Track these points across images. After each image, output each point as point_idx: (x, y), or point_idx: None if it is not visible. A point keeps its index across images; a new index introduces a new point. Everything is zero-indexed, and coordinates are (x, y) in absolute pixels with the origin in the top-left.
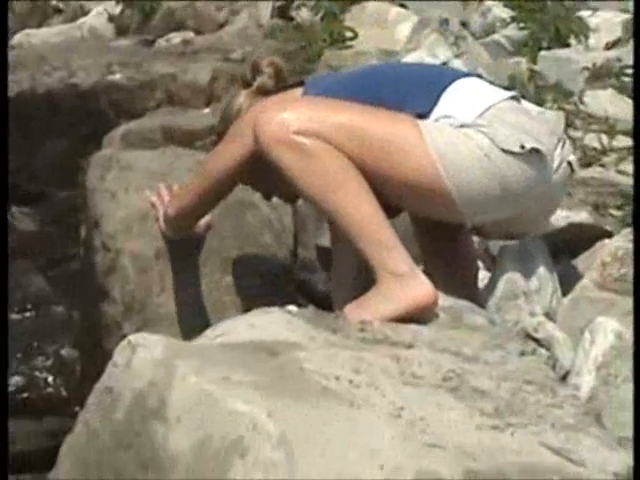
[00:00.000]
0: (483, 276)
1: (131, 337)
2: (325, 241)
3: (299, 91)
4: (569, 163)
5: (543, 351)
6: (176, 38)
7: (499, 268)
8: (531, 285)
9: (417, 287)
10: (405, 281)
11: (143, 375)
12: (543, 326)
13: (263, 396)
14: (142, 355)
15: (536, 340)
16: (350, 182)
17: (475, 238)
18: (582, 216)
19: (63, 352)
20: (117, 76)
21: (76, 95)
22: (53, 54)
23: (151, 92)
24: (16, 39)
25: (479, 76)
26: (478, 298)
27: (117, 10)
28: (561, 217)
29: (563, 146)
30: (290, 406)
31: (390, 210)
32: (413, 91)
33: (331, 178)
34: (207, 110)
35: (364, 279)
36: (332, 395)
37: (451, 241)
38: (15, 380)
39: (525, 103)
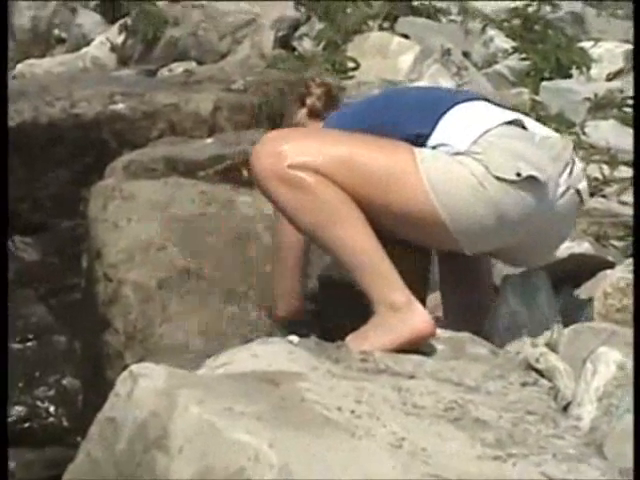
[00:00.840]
0: None
1: (133, 367)
2: (327, 271)
3: (320, 125)
4: (577, 191)
5: (545, 382)
6: (178, 68)
7: (501, 298)
8: (533, 316)
9: (415, 318)
10: (403, 313)
11: (145, 405)
12: (545, 357)
13: (265, 427)
14: (144, 385)
15: (538, 371)
16: (347, 215)
17: None
18: (584, 247)
19: (65, 382)
20: (119, 106)
21: (78, 125)
22: (55, 84)
23: (153, 122)
24: (18, 69)
25: (486, 99)
26: (483, 328)
27: (119, 40)
28: (563, 248)
29: (571, 172)
30: (292, 437)
31: (389, 238)
32: (413, 115)
33: (328, 212)
34: (210, 140)
35: None
36: (334, 425)
37: (470, 270)
38: (16, 410)
39: (532, 125)
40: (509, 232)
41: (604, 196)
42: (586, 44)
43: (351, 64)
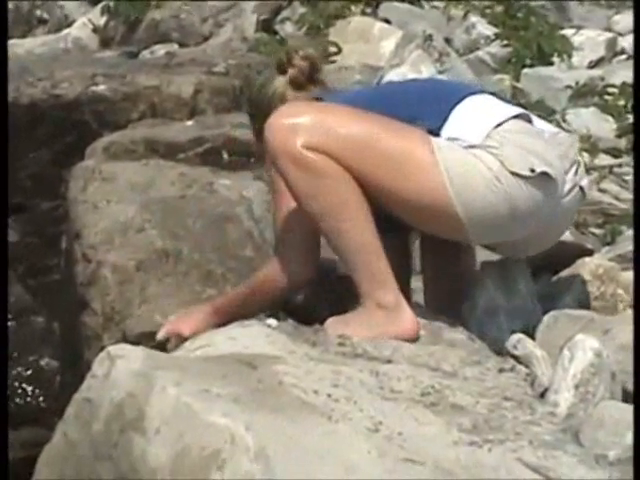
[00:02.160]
0: None
1: (110, 348)
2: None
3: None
4: (581, 188)
5: (522, 368)
6: (160, 50)
7: (480, 285)
8: (511, 302)
9: (400, 320)
10: (390, 313)
11: (122, 386)
12: (522, 343)
13: (242, 409)
14: (121, 366)
15: (515, 357)
16: (353, 208)
17: None
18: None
19: (42, 362)
20: (101, 87)
21: (59, 106)
22: (37, 64)
23: (134, 104)
24: None
25: (492, 93)
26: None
27: (102, 21)
28: None
29: (577, 170)
30: (268, 419)
31: (395, 225)
32: (424, 107)
33: (336, 202)
34: (190, 123)
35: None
36: (310, 409)
37: (454, 258)
38: None
39: (538, 122)
40: (519, 226)
41: None
42: (568, 32)
43: (333, 48)
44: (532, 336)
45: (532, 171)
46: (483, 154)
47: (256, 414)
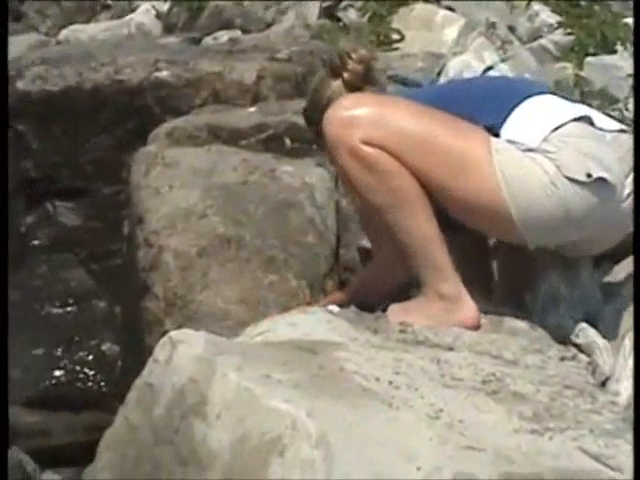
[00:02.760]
0: None
1: (172, 333)
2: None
3: None
4: None
5: (583, 357)
6: (223, 36)
7: (542, 274)
8: (573, 291)
9: (461, 310)
10: (451, 304)
11: (183, 371)
12: (584, 332)
13: (303, 395)
14: (183, 352)
15: (577, 346)
16: (414, 201)
17: None
18: None
19: (104, 347)
20: (163, 73)
21: (122, 91)
22: (100, 50)
23: (197, 90)
24: (63, 34)
25: (554, 93)
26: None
27: (165, 7)
28: None
29: None
30: (329, 406)
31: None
32: (485, 104)
33: (395, 195)
34: (253, 109)
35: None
36: (371, 396)
37: (518, 248)
38: (56, 374)
39: (602, 121)
40: (574, 230)
41: None
42: (631, 20)
43: (395, 36)
44: (594, 325)
45: (589, 176)
46: (540, 158)
47: (317, 400)
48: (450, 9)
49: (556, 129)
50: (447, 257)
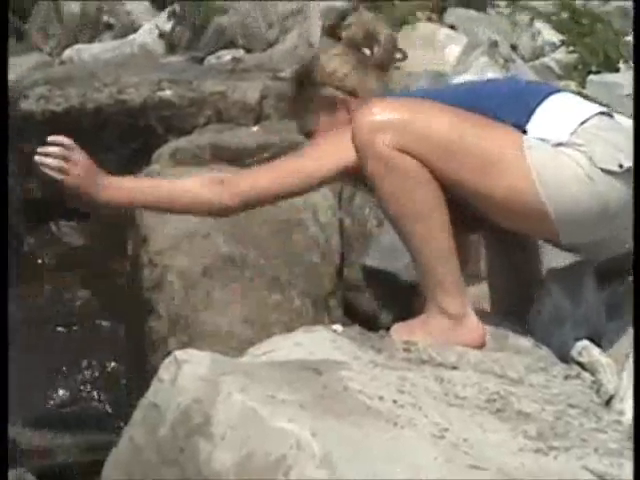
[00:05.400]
0: None
1: (177, 353)
2: (371, 261)
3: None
4: None
5: (588, 375)
6: (226, 56)
7: (545, 291)
8: (577, 309)
9: (466, 328)
10: (456, 323)
11: (188, 391)
12: (588, 350)
13: (307, 415)
14: (187, 371)
15: (581, 364)
16: (434, 214)
17: None
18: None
19: (109, 367)
20: (167, 93)
21: (126, 111)
22: (103, 70)
23: (200, 109)
24: (66, 54)
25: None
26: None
27: (168, 26)
28: None
29: None
30: (334, 425)
31: (475, 223)
32: (508, 104)
33: (418, 206)
34: (256, 128)
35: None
36: (376, 415)
37: (520, 263)
38: (60, 394)
39: (619, 117)
40: (608, 224)
41: None
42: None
43: (398, 54)
44: (598, 343)
45: (620, 166)
46: (572, 152)
47: (322, 420)
48: (453, 28)
49: (582, 123)
50: (457, 274)
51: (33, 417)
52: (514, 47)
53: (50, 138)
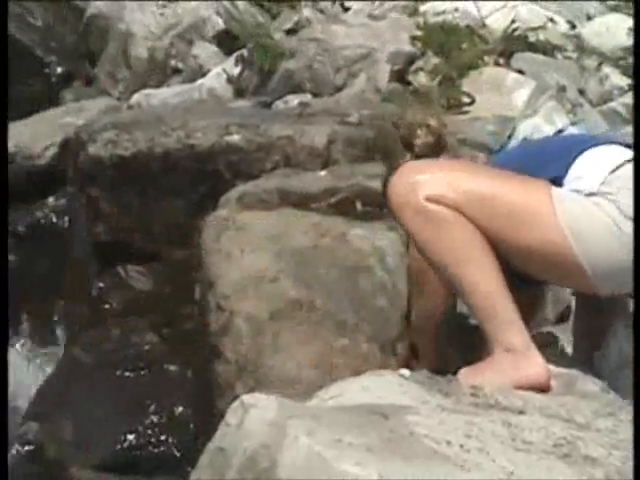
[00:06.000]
0: None
1: (244, 397)
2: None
3: None
4: None
5: None
6: (294, 100)
7: (612, 335)
8: None
9: (529, 366)
10: (518, 358)
11: (255, 436)
12: None
13: (374, 458)
14: (254, 415)
15: None
16: (477, 255)
17: None
18: None
19: (176, 411)
20: (235, 137)
21: (193, 156)
22: (171, 114)
23: (268, 154)
24: (135, 98)
25: (617, 142)
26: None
27: (235, 71)
28: None
29: None
30: (401, 468)
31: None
32: (551, 160)
33: (459, 250)
34: (323, 173)
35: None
36: (442, 459)
37: (596, 306)
38: (128, 437)
39: None
40: None
41: None
42: None
43: (466, 99)
44: None
45: None
46: (601, 201)
47: (388, 463)
48: (520, 72)
49: (613, 171)
50: (514, 311)
51: (102, 460)
52: (582, 91)
53: None
